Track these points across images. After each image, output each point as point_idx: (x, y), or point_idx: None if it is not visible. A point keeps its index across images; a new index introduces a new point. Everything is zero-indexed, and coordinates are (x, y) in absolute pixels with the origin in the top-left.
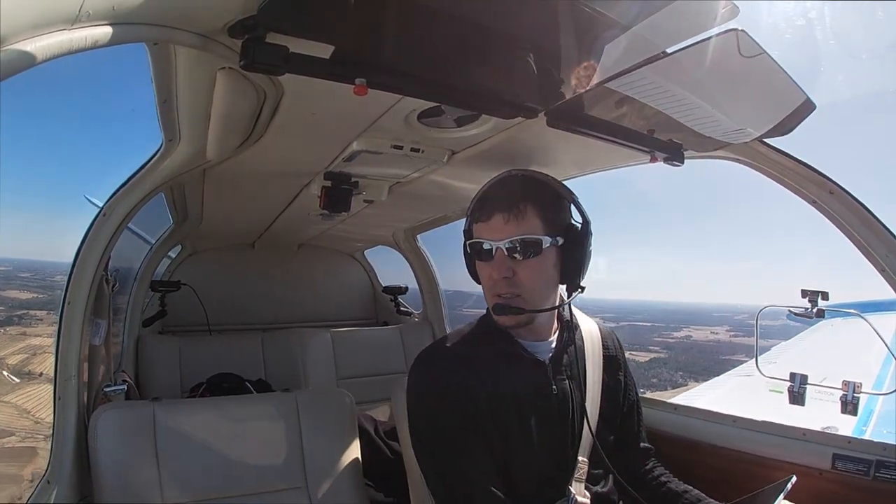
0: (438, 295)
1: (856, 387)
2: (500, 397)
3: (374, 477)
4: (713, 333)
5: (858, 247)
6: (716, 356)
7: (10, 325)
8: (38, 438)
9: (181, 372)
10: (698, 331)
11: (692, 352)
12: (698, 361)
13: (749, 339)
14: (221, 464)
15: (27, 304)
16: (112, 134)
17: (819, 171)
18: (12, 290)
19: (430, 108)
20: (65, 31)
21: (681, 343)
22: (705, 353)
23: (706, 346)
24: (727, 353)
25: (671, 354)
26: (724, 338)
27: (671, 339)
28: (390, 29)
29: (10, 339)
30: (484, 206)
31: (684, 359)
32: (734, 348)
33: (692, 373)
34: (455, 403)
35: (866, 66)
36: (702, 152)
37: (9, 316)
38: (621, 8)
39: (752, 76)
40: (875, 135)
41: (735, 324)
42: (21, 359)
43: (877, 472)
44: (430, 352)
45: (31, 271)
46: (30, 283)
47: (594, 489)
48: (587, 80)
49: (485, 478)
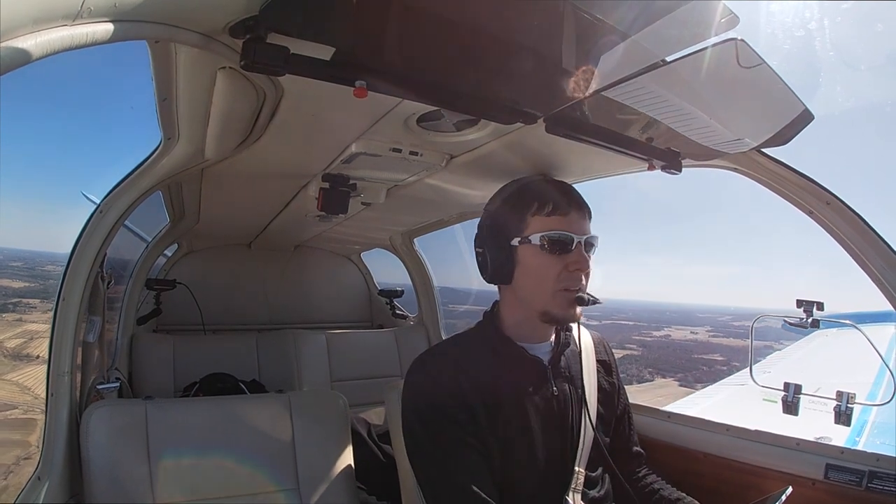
0: (434, 298)
1: (849, 397)
2: (500, 401)
3: (366, 480)
4: (693, 333)
5: (855, 258)
6: (689, 354)
7: (5, 312)
8: (37, 412)
9: (175, 371)
10: (679, 330)
11: (667, 350)
12: (669, 359)
13: (726, 339)
14: (213, 464)
15: (20, 292)
16: (110, 131)
17: (816, 181)
18: (4, 279)
19: (429, 112)
20: (66, 26)
21: (658, 342)
22: (679, 352)
23: (682, 344)
24: (701, 353)
25: (644, 352)
26: (702, 338)
27: (650, 337)
28: (391, 32)
29: (7, 324)
30: (556, 199)
31: (656, 356)
32: (710, 348)
33: (660, 369)
34: (450, 410)
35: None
36: (699, 161)
37: (4, 304)
38: (621, 15)
39: (750, 86)
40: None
41: (717, 324)
42: (19, 342)
43: (869, 482)
44: (425, 357)
45: (21, 260)
46: (21, 273)
47: (590, 494)
48: (586, 87)
49: (479, 486)
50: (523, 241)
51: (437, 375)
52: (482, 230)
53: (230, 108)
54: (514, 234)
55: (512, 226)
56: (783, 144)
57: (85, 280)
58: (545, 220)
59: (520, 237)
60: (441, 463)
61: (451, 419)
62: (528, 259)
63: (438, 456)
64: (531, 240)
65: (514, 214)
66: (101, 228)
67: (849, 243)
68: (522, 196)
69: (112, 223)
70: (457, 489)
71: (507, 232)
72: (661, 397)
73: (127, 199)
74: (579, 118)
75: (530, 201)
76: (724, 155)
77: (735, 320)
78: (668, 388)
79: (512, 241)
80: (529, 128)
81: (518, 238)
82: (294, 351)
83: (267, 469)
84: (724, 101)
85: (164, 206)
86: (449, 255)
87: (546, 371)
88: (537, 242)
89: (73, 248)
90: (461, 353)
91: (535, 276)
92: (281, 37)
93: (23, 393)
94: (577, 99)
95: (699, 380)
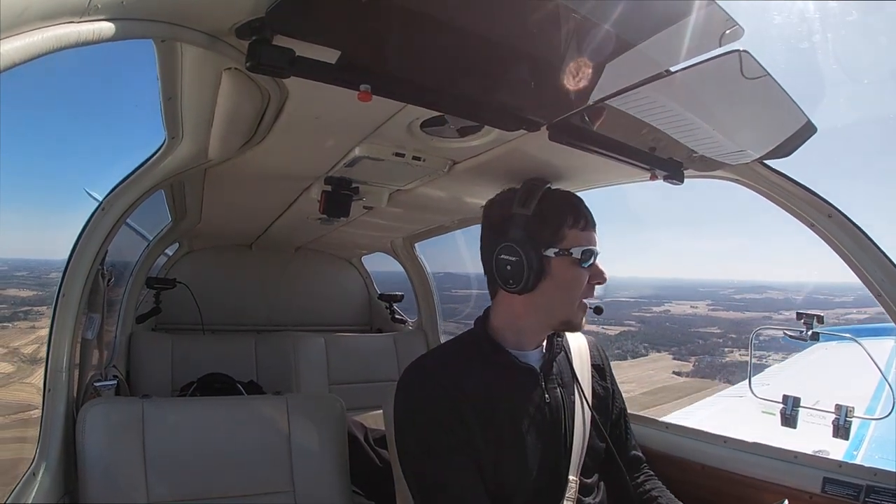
0: (434, 304)
1: (848, 411)
2: (492, 408)
3: (362, 484)
4: (692, 308)
5: (855, 271)
6: (686, 329)
7: (17, 321)
8: None
9: (172, 370)
10: (679, 305)
11: (664, 325)
12: (666, 334)
13: (725, 312)
14: (209, 464)
15: (29, 301)
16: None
17: (818, 194)
18: (12, 288)
19: (433, 118)
20: (73, 23)
21: (657, 317)
22: (676, 327)
23: (681, 319)
24: (698, 326)
25: (641, 328)
26: (701, 311)
27: (649, 313)
28: (397, 37)
29: (21, 332)
30: (581, 215)
31: (653, 332)
32: (709, 321)
33: (655, 344)
34: (442, 418)
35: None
36: (701, 172)
37: (14, 312)
38: (627, 25)
39: (754, 97)
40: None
41: (718, 298)
42: (34, 348)
43: (867, 497)
44: (417, 365)
45: (26, 269)
46: (27, 281)
47: (586, 500)
48: (590, 95)
49: (470, 494)
50: (561, 253)
51: (429, 382)
52: (504, 236)
53: (235, 109)
54: (547, 244)
55: (545, 236)
56: (786, 156)
57: (85, 277)
58: (581, 234)
59: (556, 248)
60: (432, 470)
61: (442, 426)
62: (562, 271)
63: (429, 463)
64: (572, 252)
65: (547, 225)
66: (102, 226)
67: (850, 256)
68: (554, 207)
69: (113, 221)
70: (448, 497)
71: (539, 241)
72: (651, 371)
73: (129, 198)
74: (582, 126)
75: (566, 214)
76: (726, 166)
77: (737, 293)
78: (661, 361)
79: (545, 251)
80: (532, 135)
81: (554, 249)
82: (293, 353)
83: (262, 471)
84: (728, 111)
85: (166, 205)
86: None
87: (538, 378)
88: (578, 256)
89: (74, 244)
90: (453, 360)
91: (567, 288)
92: (287, 39)
93: (39, 394)
94: (580, 107)
95: (693, 353)
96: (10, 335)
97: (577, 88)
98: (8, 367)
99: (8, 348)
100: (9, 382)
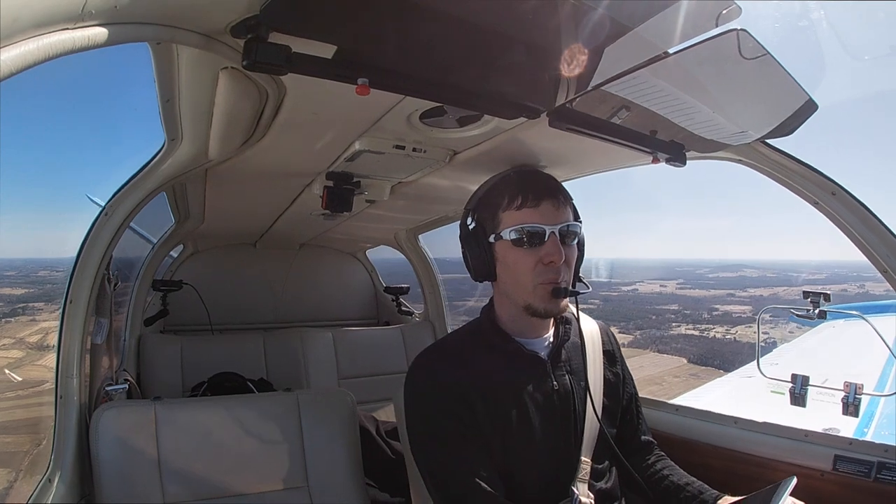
0: (440, 294)
1: (857, 388)
2: (499, 396)
3: (375, 477)
4: (661, 286)
5: (860, 248)
6: (648, 306)
7: (16, 316)
8: None
9: (183, 371)
10: (649, 284)
11: (626, 303)
12: (621, 311)
13: (693, 291)
14: (223, 463)
15: (24, 298)
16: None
17: (821, 171)
18: (5, 287)
19: (432, 109)
20: (67, 30)
21: (623, 296)
22: (638, 304)
23: (645, 297)
24: (658, 304)
25: (602, 305)
26: (669, 290)
27: (616, 292)
28: (393, 29)
29: (23, 325)
30: (525, 192)
31: (610, 309)
32: (671, 299)
33: (607, 320)
34: (450, 406)
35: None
36: (703, 153)
37: (13, 309)
38: (624, 8)
39: (754, 77)
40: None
41: (692, 277)
42: (38, 337)
43: (878, 473)
44: (426, 354)
45: (13, 269)
46: (17, 280)
47: (597, 486)
48: (589, 80)
49: (481, 478)
50: (497, 237)
51: (437, 371)
52: (462, 230)
53: (233, 108)
54: (489, 231)
55: (487, 223)
56: (788, 135)
57: (91, 282)
58: (516, 214)
59: (494, 234)
60: (442, 457)
61: (451, 414)
62: (504, 255)
63: (439, 450)
64: (503, 236)
65: (487, 212)
66: (106, 231)
67: (854, 233)
68: (493, 192)
69: (117, 225)
70: (460, 483)
71: (483, 230)
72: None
73: (132, 201)
74: (582, 112)
75: (501, 197)
76: (728, 147)
77: (711, 272)
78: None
79: (488, 238)
80: (532, 122)
81: (493, 235)
82: (301, 349)
83: (276, 467)
84: (728, 92)
85: (169, 207)
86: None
87: (545, 366)
88: (509, 238)
89: (79, 250)
90: (460, 348)
91: (513, 272)
92: (282, 36)
93: (50, 371)
94: (579, 93)
95: (640, 327)
96: (14, 328)
97: (576, 74)
98: (19, 353)
99: (15, 338)
100: (22, 364)
